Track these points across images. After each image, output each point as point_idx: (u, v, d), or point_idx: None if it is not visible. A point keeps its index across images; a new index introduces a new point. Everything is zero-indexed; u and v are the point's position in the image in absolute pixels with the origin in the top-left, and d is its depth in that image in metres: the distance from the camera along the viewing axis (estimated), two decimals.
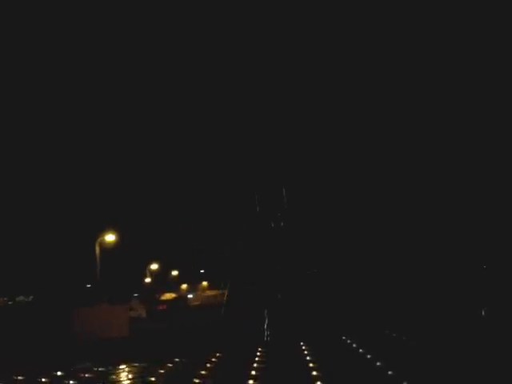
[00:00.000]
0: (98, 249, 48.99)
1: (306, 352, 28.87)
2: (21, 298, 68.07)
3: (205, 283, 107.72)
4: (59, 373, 27.36)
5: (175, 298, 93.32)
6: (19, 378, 26.78)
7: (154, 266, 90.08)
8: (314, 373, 21.83)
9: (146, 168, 75.83)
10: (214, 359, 28.51)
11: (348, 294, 51.68)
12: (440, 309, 41.66)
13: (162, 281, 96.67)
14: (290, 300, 54.72)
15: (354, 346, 29.76)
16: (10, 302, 79.50)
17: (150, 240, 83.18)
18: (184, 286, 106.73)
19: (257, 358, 27.67)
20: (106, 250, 51.73)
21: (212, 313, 61.33)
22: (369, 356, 25.19)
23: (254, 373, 23.11)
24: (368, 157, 63.46)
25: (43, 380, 25.65)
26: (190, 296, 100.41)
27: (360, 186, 63.34)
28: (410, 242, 57.63)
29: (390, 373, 20.33)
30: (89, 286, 64.88)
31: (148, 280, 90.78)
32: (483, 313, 37.21)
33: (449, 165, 58.46)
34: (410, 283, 50.04)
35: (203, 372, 24.54)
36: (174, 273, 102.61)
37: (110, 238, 50.65)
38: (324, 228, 64.69)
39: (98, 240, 49.38)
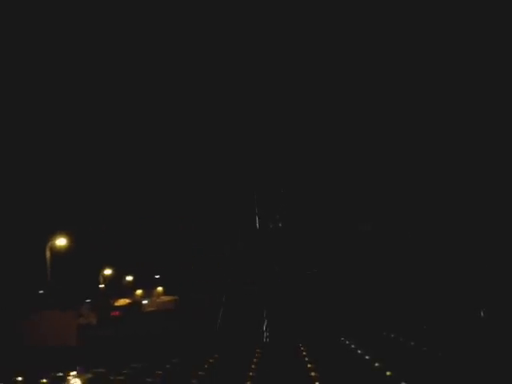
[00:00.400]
0: (48, 253, 47.22)
1: (304, 353, 28.95)
2: None
3: (160, 289, 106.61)
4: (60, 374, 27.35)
5: (129, 303, 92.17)
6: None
7: (108, 271, 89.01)
8: (313, 373, 21.90)
9: (145, 169, 75.79)
10: (211, 360, 28.56)
11: (347, 294, 51.66)
12: (439, 309, 41.71)
13: (116, 286, 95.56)
14: (289, 300, 54.70)
15: (353, 346, 29.84)
16: None
17: (104, 244, 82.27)
18: (139, 292, 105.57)
19: (255, 359, 27.71)
20: (58, 254, 50.00)
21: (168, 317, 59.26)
22: (367, 357, 25.29)
23: (252, 373, 23.15)
24: (367, 157, 63.58)
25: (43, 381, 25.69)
26: (144, 302, 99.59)
27: (359, 186, 63.40)
28: (410, 242, 57.61)
29: (388, 373, 20.39)
30: (41, 291, 62.91)
31: (102, 286, 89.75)
32: (482, 314, 37.26)
33: (449, 165, 58.52)
34: (409, 284, 50.07)
35: (201, 373, 24.57)
36: (129, 278, 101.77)
37: (61, 241, 48.19)
38: (322, 229, 64.74)
39: (49, 244, 47.52)
